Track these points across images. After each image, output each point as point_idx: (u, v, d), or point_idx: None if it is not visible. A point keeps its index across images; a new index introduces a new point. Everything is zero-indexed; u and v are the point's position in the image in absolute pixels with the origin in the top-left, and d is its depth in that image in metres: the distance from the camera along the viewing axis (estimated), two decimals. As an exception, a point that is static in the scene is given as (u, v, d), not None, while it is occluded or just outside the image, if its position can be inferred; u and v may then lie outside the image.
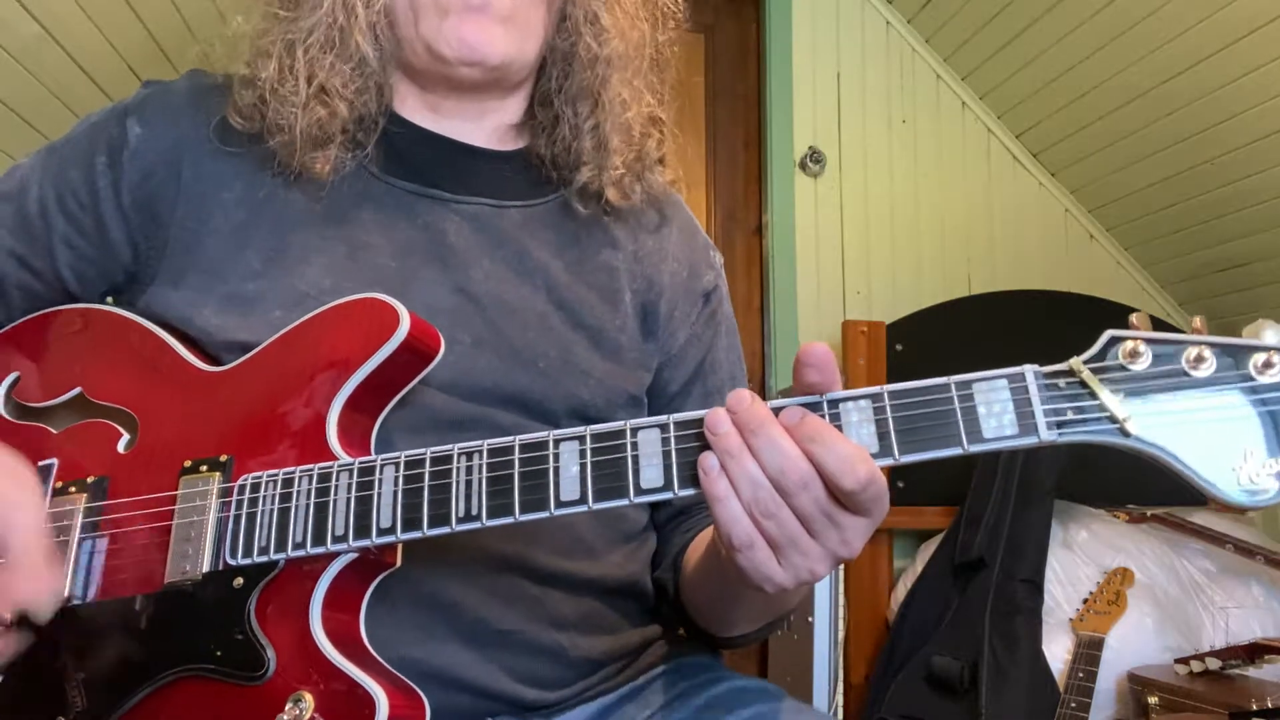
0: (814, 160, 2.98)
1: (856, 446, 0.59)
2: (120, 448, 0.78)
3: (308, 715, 0.65)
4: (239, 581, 0.69)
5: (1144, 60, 2.50)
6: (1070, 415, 0.57)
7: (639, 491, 0.62)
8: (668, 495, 0.62)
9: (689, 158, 2.95)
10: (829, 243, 2.98)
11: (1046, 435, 0.57)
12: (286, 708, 0.65)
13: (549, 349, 0.85)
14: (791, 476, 0.58)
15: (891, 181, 3.06)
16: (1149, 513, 2.39)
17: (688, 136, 3.01)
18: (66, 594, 0.73)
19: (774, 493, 0.59)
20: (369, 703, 0.64)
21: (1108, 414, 0.57)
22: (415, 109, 0.90)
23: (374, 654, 0.69)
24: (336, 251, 0.83)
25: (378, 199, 0.86)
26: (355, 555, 0.68)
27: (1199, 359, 0.57)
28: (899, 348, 2.66)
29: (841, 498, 0.59)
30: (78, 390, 0.81)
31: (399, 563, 0.72)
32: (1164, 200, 2.83)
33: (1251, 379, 0.56)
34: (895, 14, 3.11)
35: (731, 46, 3.08)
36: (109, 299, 0.90)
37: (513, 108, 0.94)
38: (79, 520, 0.75)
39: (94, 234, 0.85)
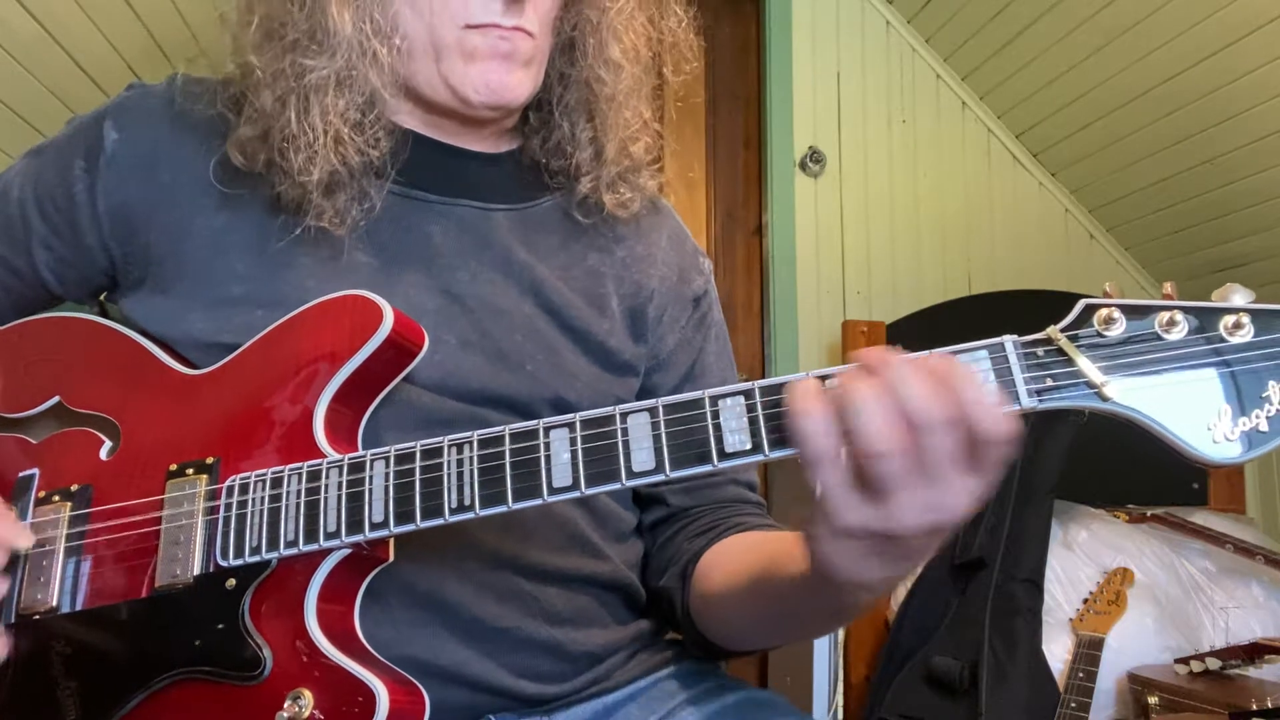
0: (814, 160, 2.98)
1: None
2: (102, 455, 0.77)
3: (307, 712, 0.65)
4: (231, 583, 0.69)
5: (1144, 60, 2.50)
6: (1050, 382, 0.59)
7: (631, 475, 0.62)
8: (659, 478, 0.61)
9: (689, 158, 2.95)
10: (829, 243, 2.98)
11: (1028, 402, 0.58)
12: (286, 705, 0.65)
13: (536, 351, 0.85)
14: (939, 412, 0.54)
15: (891, 181, 3.06)
16: (1149, 513, 2.39)
17: (688, 137, 3.01)
18: (54, 603, 0.73)
19: (900, 427, 0.54)
20: (369, 696, 0.64)
21: (1085, 379, 0.58)
22: (408, 119, 0.88)
23: (370, 649, 0.69)
24: (320, 254, 0.82)
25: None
26: (348, 551, 0.68)
27: (1171, 323, 0.58)
28: (899, 348, 2.65)
29: (973, 446, 0.55)
30: (56, 399, 0.81)
31: (391, 558, 0.71)
32: (1164, 200, 2.83)
33: (1223, 340, 0.57)
34: (895, 14, 3.10)
35: (731, 46, 3.08)
36: (101, 297, 0.90)
37: (510, 118, 0.93)
38: (64, 529, 0.75)
39: (69, 236, 0.85)
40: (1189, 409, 0.57)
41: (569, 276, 0.90)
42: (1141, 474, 2.50)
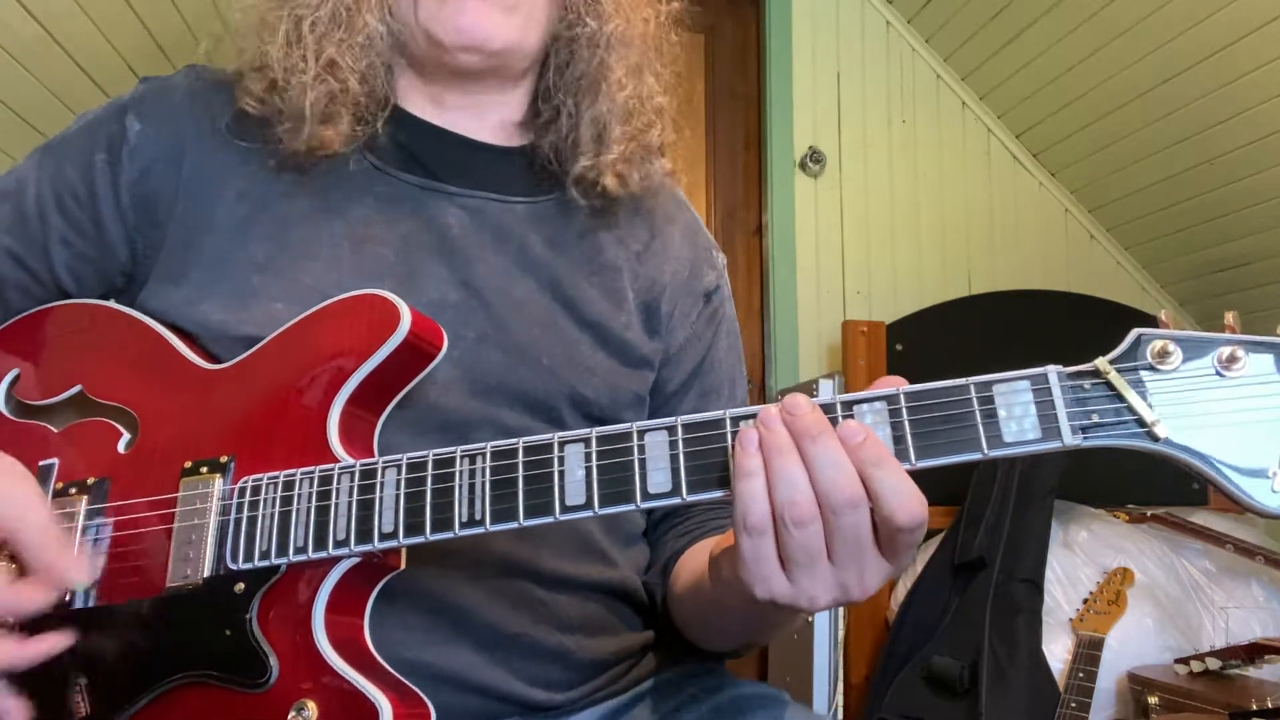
0: (814, 160, 2.98)
1: (914, 485, 0.56)
2: (120, 448, 0.77)
3: None
4: (240, 586, 0.68)
5: (1144, 60, 2.50)
6: (1096, 419, 0.55)
7: (646, 496, 0.60)
8: (675, 501, 0.60)
9: (689, 158, 2.95)
10: (829, 243, 2.98)
11: (1071, 440, 0.54)
12: (290, 715, 0.65)
13: (554, 345, 0.84)
14: (844, 494, 0.55)
15: (891, 181, 3.06)
16: (1149, 513, 2.40)
17: (688, 137, 3.00)
18: (67, 599, 0.73)
19: (814, 503, 0.55)
20: (371, 710, 0.63)
21: (1136, 417, 0.54)
22: (419, 103, 0.90)
23: (378, 659, 0.69)
24: (340, 245, 0.82)
25: (381, 193, 0.86)
26: (358, 559, 0.68)
27: (1232, 359, 0.54)
28: (899, 348, 2.66)
29: (885, 532, 0.56)
30: (78, 388, 0.80)
31: (403, 566, 0.71)
32: (1164, 200, 2.83)
33: None
34: (895, 14, 3.10)
35: (731, 46, 3.08)
36: (110, 300, 0.89)
37: (515, 101, 0.93)
38: (80, 522, 0.74)
39: (91, 233, 0.84)
40: (1248, 453, 0.52)
41: (586, 270, 0.90)
42: (1141, 474, 2.50)
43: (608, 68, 0.90)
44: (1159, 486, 2.51)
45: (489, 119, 0.92)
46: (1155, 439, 0.54)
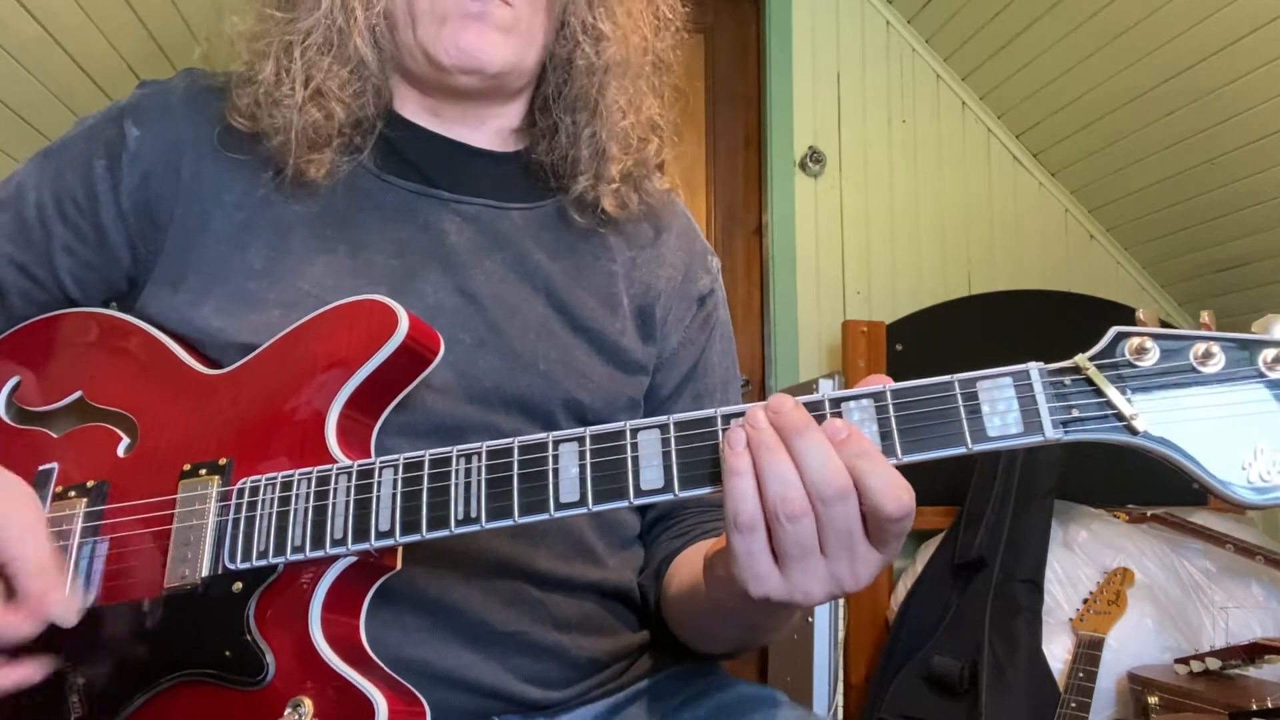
0: (814, 160, 2.98)
1: (900, 475, 0.57)
2: (120, 452, 0.77)
3: None
4: (238, 586, 0.69)
5: (1144, 60, 2.50)
6: (1076, 413, 0.56)
7: (639, 493, 0.61)
8: (668, 497, 0.61)
9: (689, 158, 2.95)
10: (829, 243, 2.98)
11: (1052, 434, 0.56)
12: (285, 713, 0.65)
13: (550, 351, 0.85)
14: (833, 485, 0.56)
15: (891, 181, 3.06)
16: (1149, 513, 2.40)
17: (688, 137, 3.01)
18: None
19: (806, 497, 0.56)
20: (368, 707, 0.64)
21: (1115, 411, 0.55)
22: (416, 111, 0.90)
23: (374, 658, 0.69)
24: (338, 251, 0.83)
25: (379, 199, 0.86)
26: (355, 558, 0.68)
27: (1207, 355, 0.55)
28: (899, 348, 2.66)
29: (873, 523, 0.57)
30: (78, 394, 0.81)
31: (399, 565, 0.71)
32: (1164, 200, 2.83)
33: (1262, 374, 0.54)
34: (895, 14, 3.11)
35: (731, 46, 3.08)
36: (112, 305, 0.90)
37: (513, 113, 0.94)
38: (79, 525, 0.74)
39: (93, 239, 0.85)
40: (1224, 446, 0.54)
41: (581, 276, 0.90)
42: (1141, 474, 2.50)
43: (605, 91, 0.90)
44: (1159, 486, 2.52)
45: (486, 128, 0.92)
46: (1134, 432, 0.55)
